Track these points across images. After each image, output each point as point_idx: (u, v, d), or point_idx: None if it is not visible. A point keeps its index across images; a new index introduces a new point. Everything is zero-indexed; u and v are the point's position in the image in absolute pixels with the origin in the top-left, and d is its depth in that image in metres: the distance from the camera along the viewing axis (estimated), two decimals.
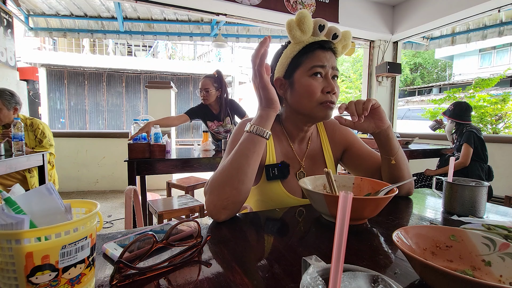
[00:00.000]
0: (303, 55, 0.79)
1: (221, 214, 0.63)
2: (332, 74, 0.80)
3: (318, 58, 0.78)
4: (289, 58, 0.81)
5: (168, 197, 2.51)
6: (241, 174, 0.65)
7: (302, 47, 0.79)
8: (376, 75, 4.49)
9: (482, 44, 12.55)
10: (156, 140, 1.91)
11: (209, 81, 2.35)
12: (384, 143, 0.79)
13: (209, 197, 0.65)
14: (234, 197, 0.64)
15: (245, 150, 0.66)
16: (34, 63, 8.17)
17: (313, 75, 0.78)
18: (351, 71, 16.85)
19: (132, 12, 4.38)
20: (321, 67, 0.77)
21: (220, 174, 0.66)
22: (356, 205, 0.58)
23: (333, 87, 0.77)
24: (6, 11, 3.16)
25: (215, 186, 0.65)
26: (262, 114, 0.70)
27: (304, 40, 0.78)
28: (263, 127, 0.68)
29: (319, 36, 0.78)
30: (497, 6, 3.22)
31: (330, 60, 0.79)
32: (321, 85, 0.78)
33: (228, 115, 2.47)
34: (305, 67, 0.79)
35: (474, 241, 0.44)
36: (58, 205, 0.37)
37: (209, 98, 2.36)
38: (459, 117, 2.72)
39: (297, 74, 0.80)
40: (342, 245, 0.23)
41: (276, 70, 0.85)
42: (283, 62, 0.82)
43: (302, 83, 0.79)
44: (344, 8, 3.83)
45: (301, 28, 0.75)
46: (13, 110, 2.14)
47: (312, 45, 0.78)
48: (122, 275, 0.39)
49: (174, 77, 9.41)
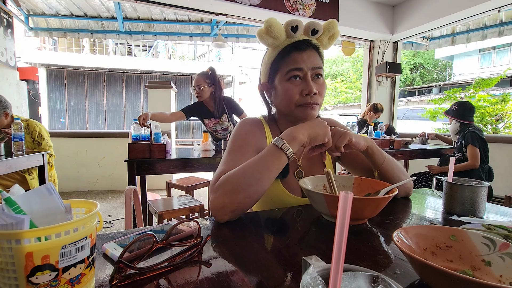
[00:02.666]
0: (280, 60, 0.79)
1: (226, 216, 0.63)
2: (314, 74, 0.78)
3: (294, 61, 0.77)
4: (268, 64, 0.83)
5: (168, 197, 2.51)
6: (259, 186, 0.64)
7: (279, 52, 0.79)
8: (376, 75, 4.49)
9: (482, 44, 12.55)
10: (156, 140, 1.91)
11: (201, 78, 2.37)
12: (368, 158, 0.80)
13: (219, 197, 0.64)
14: (245, 204, 0.64)
15: (269, 163, 0.65)
16: (34, 63, 8.18)
17: (291, 79, 0.77)
18: (351, 71, 16.85)
19: (132, 12, 4.38)
20: (297, 69, 0.77)
21: (237, 179, 0.64)
22: (356, 205, 0.58)
23: (311, 88, 0.75)
24: (6, 11, 3.16)
25: (229, 189, 0.64)
26: (297, 137, 0.67)
27: (279, 44, 0.78)
28: (291, 147, 0.66)
29: (294, 38, 0.78)
30: (497, 6, 3.22)
31: (308, 60, 0.77)
32: (299, 88, 0.77)
33: (225, 112, 2.47)
34: (282, 71, 0.79)
35: (474, 241, 0.44)
36: (58, 205, 0.37)
37: (202, 94, 2.38)
38: (463, 117, 2.69)
39: (277, 79, 0.81)
40: (342, 245, 0.23)
41: (262, 75, 0.87)
42: (264, 68, 0.85)
43: (281, 88, 0.79)
44: (344, 8, 3.83)
45: (271, 35, 0.75)
46: (4, 115, 2.07)
47: (288, 48, 0.78)
48: (122, 275, 0.39)
49: (174, 77, 9.41)
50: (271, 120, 0.91)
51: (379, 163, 0.78)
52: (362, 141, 0.74)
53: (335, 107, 14.53)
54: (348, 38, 4.40)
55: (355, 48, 4.62)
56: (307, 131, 0.68)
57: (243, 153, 0.77)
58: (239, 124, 0.86)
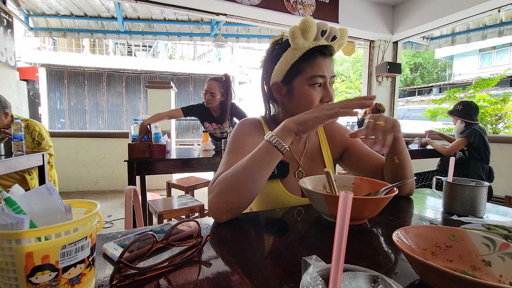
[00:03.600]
0: (304, 62, 0.77)
1: (223, 216, 0.63)
2: (331, 82, 0.79)
3: (319, 67, 0.76)
4: (289, 64, 0.78)
5: (168, 197, 2.51)
6: (251, 183, 0.63)
7: (303, 53, 0.76)
8: (376, 75, 4.49)
9: (482, 44, 12.55)
10: (156, 140, 1.91)
11: (216, 85, 2.26)
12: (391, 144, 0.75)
13: (214, 197, 0.64)
14: (240, 202, 0.64)
15: (260, 159, 0.64)
16: (34, 63, 8.18)
17: (313, 85, 0.77)
18: (351, 71, 16.85)
19: (132, 12, 4.38)
20: (321, 77, 0.76)
21: (229, 178, 0.64)
22: (356, 205, 0.58)
23: (332, 96, 0.77)
24: (6, 11, 3.16)
25: (222, 188, 0.64)
26: (288, 127, 0.65)
27: (305, 46, 0.76)
28: (284, 141, 0.64)
29: (319, 41, 0.76)
30: (497, 6, 3.22)
31: (329, 67, 0.78)
32: (320, 94, 0.78)
33: (228, 119, 2.44)
34: (306, 75, 0.77)
35: (474, 241, 0.44)
36: (58, 205, 0.37)
37: (213, 102, 2.29)
38: (469, 117, 2.67)
39: (297, 81, 0.79)
40: (342, 245, 0.23)
41: (274, 74, 0.82)
42: (282, 67, 0.79)
43: (302, 92, 0.78)
44: (344, 8, 3.83)
45: (305, 36, 0.74)
46: (4, 115, 2.07)
47: (313, 51, 0.76)
48: (122, 275, 0.39)
49: (174, 77, 9.41)
50: (270, 120, 0.91)
51: (401, 150, 0.77)
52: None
53: None
54: (348, 38, 4.39)
55: (355, 48, 4.62)
56: (293, 120, 0.66)
57: (242, 154, 0.77)
58: (238, 125, 0.86)
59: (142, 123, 2.05)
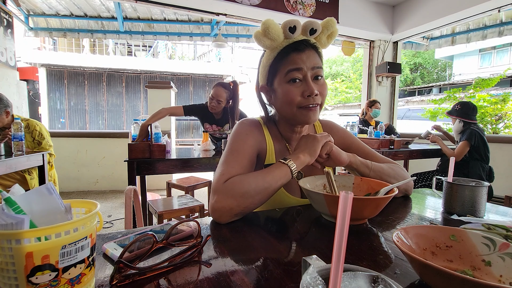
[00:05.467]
0: (279, 62, 0.78)
1: (229, 218, 0.65)
2: (314, 75, 0.77)
3: (293, 62, 0.75)
4: (266, 66, 0.81)
5: (168, 197, 2.51)
6: (265, 195, 0.68)
7: (277, 53, 0.78)
8: (376, 75, 4.49)
9: (482, 44, 12.55)
10: (156, 140, 1.91)
11: (224, 93, 2.24)
12: (352, 173, 0.83)
13: (226, 199, 0.64)
14: (250, 209, 0.67)
15: (278, 179, 0.69)
16: (34, 63, 8.17)
17: (290, 81, 0.76)
18: (351, 71, 16.86)
19: (132, 12, 4.38)
20: (297, 70, 0.75)
21: (248, 184, 0.66)
22: (356, 205, 0.58)
23: (312, 90, 0.74)
24: (6, 11, 3.16)
25: (239, 192, 0.65)
26: (305, 162, 0.72)
27: (277, 46, 0.77)
28: (298, 168, 0.72)
29: (292, 38, 0.76)
30: (497, 6, 3.22)
31: (307, 60, 0.76)
32: (300, 89, 0.76)
33: (229, 122, 2.43)
34: (281, 73, 0.77)
35: (474, 241, 0.44)
36: (58, 205, 0.37)
37: (217, 108, 2.29)
38: (468, 116, 2.67)
39: (276, 81, 0.80)
40: (342, 245, 0.23)
41: (260, 78, 0.86)
42: (262, 71, 0.83)
43: (281, 91, 0.78)
44: (344, 8, 3.83)
45: (269, 37, 0.74)
46: (5, 113, 2.08)
47: (286, 49, 0.76)
48: (122, 275, 0.39)
49: (174, 77, 9.41)
50: (269, 122, 0.91)
51: (366, 175, 0.81)
52: (344, 156, 0.77)
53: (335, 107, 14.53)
54: (348, 38, 4.40)
55: (355, 48, 4.62)
56: (306, 151, 0.73)
57: (243, 153, 0.77)
58: (238, 124, 0.86)
59: (143, 124, 2.04)
